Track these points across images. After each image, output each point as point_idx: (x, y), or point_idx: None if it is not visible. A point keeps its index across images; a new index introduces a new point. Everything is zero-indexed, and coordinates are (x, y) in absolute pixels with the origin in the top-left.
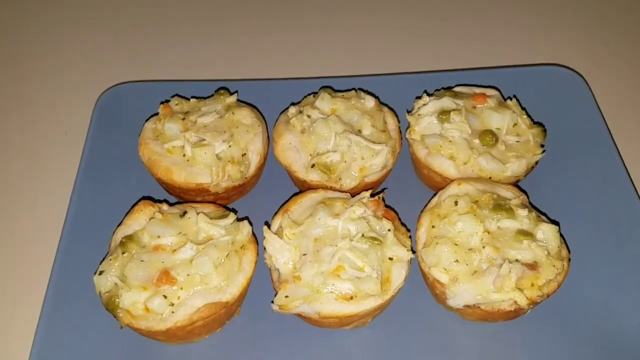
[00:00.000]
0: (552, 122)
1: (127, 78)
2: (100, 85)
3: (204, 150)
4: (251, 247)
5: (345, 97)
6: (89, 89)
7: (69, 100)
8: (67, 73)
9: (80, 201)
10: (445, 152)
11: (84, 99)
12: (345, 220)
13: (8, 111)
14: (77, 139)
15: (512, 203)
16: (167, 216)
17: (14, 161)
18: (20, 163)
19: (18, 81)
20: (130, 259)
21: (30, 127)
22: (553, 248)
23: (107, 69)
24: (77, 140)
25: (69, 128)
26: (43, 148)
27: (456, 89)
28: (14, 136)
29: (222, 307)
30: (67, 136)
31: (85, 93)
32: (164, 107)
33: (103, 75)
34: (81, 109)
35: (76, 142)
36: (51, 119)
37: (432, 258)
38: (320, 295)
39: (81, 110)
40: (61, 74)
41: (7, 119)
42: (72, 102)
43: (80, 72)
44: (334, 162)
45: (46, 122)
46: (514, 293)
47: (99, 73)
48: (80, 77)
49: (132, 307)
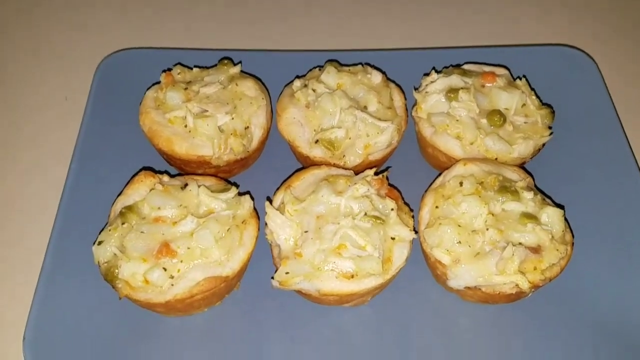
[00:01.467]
0: (560, 103)
1: (130, 44)
2: (102, 51)
3: (206, 121)
4: (252, 222)
5: (352, 71)
6: (90, 54)
7: (70, 66)
8: (69, 37)
9: (80, 169)
10: (452, 131)
11: (86, 64)
12: (348, 198)
13: (7, 75)
14: (77, 105)
15: (517, 185)
16: (168, 188)
17: (13, 126)
18: (19, 128)
19: (18, 45)
20: (130, 230)
21: (30, 91)
22: (557, 232)
23: (110, 35)
24: (77, 106)
25: (69, 94)
26: (43, 113)
27: (465, 66)
28: (13, 100)
29: (222, 281)
30: (67, 102)
31: (87, 58)
32: (165, 75)
33: (105, 40)
34: (82, 74)
35: (76, 108)
36: (51, 83)
37: (434, 239)
38: (321, 272)
39: (82, 76)
40: (63, 38)
41: (5, 83)
42: (73, 67)
43: (82, 37)
44: (339, 139)
45: (46, 87)
46: (516, 276)
47: (101, 39)
48: (82, 42)
49: (131, 278)
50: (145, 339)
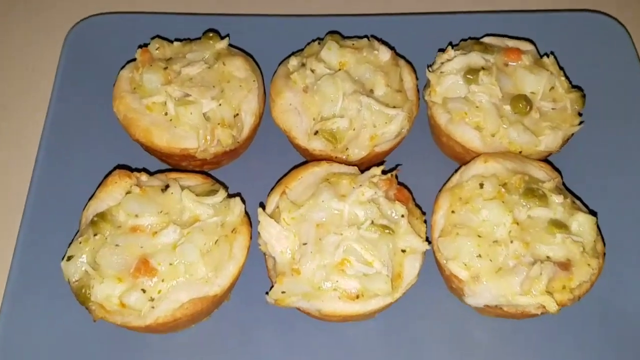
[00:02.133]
0: (589, 82)
1: (102, 9)
2: (73, 16)
3: (189, 109)
4: (244, 229)
5: (356, 47)
6: (60, 19)
7: (37, 32)
8: None
9: (48, 164)
10: (471, 120)
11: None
12: (353, 204)
13: None
14: (44, 78)
15: (545, 187)
16: (147, 190)
17: None
18: None
19: None
20: (103, 243)
21: None
22: (588, 242)
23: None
24: (44, 79)
25: (36, 64)
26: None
27: (485, 39)
28: None
29: (209, 301)
30: (34, 74)
31: (57, 25)
32: (142, 52)
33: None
34: (51, 42)
35: (43, 81)
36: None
37: (450, 250)
38: (321, 292)
39: (50, 44)
40: None
41: None
42: (41, 34)
43: None
44: (341, 129)
45: (10, 56)
46: (543, 297)
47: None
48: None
49: (106, 301)
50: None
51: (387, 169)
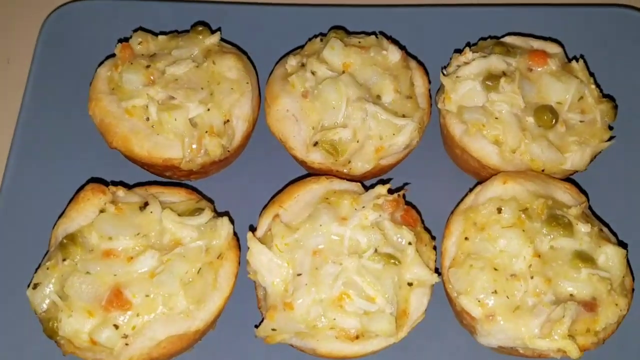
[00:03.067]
0: (619, 86)
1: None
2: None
3: (174, 114)
4: (231, 255)
5: (363, 46)
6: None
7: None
8: None
9: (17, 174)
10: (489, 133)
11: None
12: (354, 229)
13: None
14: (20, 70)
15: (570, 214)
16: (122, 209)
17: None
18: None
19: None
20: (73, 269)
21: None
22: (617, 278)
23: None
24: (19, 72)
25: (9, 57)
26: None
27: (507, 39)
28: None
29: (189, 338)
30: (9, 66)
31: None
32: (122, 48)
33: None
34: (23, 34)
35: (19, 74)
36: None
37: (462, 283)
38: (316, 331)
39: (23, 36)
40: None
41: None
42: (13, 24)
43: None
44: (343, 141)
45: None
46: (564, 342)
47: None
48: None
49: (75, 337)
50: None
51: (393, 183)
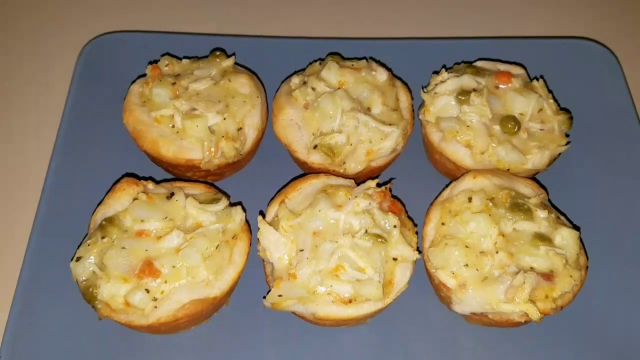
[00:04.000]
0: (578, 105)
1: (115, 27)
2: (87, 34)
3: (196, 122)
4: (244, 236)
5: (355, 67)
6: (74, 37)
7: (52, 49)
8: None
9: (59, 171)
10: (462, 138)
11: (69, 48)
12: (348, 214)
13: None
14: (59, 93)
15: (530, 202)
16: (153, 197)
17: None
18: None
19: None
20: (111, 245)
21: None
22: (572, 255)
23: (94, 17)
24: (58, 94)
25: (50, 81)
26: (21, 103)
27: (478, 63)
28: None
29: (209, 303)
30: (48, 90)
31: (71, 42)
32: (152, 68)
33: (90, 22)
34: (65, 59)
35: (58, 96)
36: (31, 68)
37: (439, 259)
38: (316, 296)
39: (65, 61)
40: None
41: None
42: (56, 51)
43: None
44: (339, 144)
45: (26, 72)
46: (526, 305)
47: (86, 20)
48: (65, 23)
49: (111, 300)
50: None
51: (381, 182)
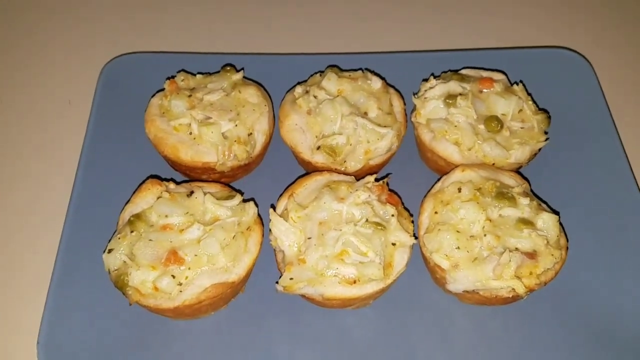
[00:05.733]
0: (556, 107)
1: (133, 48)
2: (106, 55)
3: (211, 129)
4: (257, 228)
5: (352, 77)
6: (94, 58)
7: (73, 69)
8: (72, 40)
9: (87, 177)
10: (450, 137)
11: (90, 68)
12: (350, 205)
13: (10, 79)
14: (81, 109)
15: (514, 191)
16: (175, 195)
17: (18, 131)
18: (23, 134)
19: (21, 47)
20: (139, 238)
21: (33, 95)
22: (552, 237)
23: (114, 38)
24: (81, 110)
25: (73, 98)
26: (46, 119)
27: (463, 71)
28: (17, 105)
29: (228, 287)
30: (71, 106)
31: (91, 62)
32: (169, 83)
33: (109, 44)
34: (86, 78)
35: (80, 112)
36: (55, 87)
37: (433, 244)
38: (324, 278)
39: (86, 79)
40: (66, 40)
41: (9, 87)
42: (78, 71)
43: (85, 40)
44: (340, 145)
45: (50, 90)
46: (512, 281)
47: (106, 42)
48: (86, 45)
49: (141, 285)
50: (154, 342)
51: (379, 178)
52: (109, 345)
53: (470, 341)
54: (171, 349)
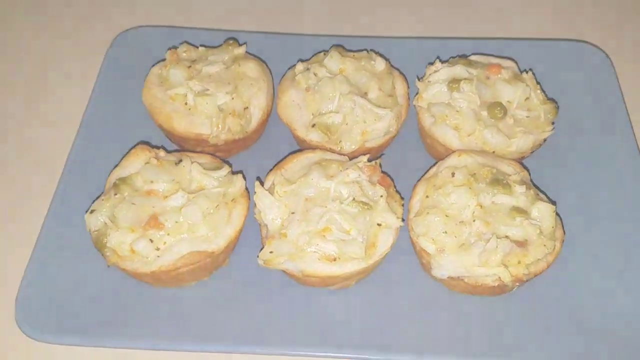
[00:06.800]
0: (569, 100)
1: (143, 22)
2: (115, 29)
3: (206, 100)
4: (242, 201)
5: (356, 57)
6: (105, 31)
7: (85, 42)
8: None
9: (84, 141)
10: (451, 122)
11: (99, 41)
12: (338, 183)
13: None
14: (88, 80)
15: (511, 179)
16: (163, 162)
17: (21, 96)
18: (29, 99)
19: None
20: (122, 201)
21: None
22: (547, 228)
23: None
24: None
25: (82, 68)
26: (52, 87)
27: (472, 57)
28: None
29: (207, 256)
30: (79, 78)
31: (102, 36)
32: (171, 52)
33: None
34: (95, 50)
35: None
36: (67, 59)
37: (421, 227)
38: (303, 253)
39: (95, 52)
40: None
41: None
42: (87, 43)
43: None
44: (335, 124)
45: (61, 62)
46: (498, 269)
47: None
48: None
49: (119, 247)
50: (132, 307)
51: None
52: (87, 305)
53: (454, 329)
54: (148, 314)
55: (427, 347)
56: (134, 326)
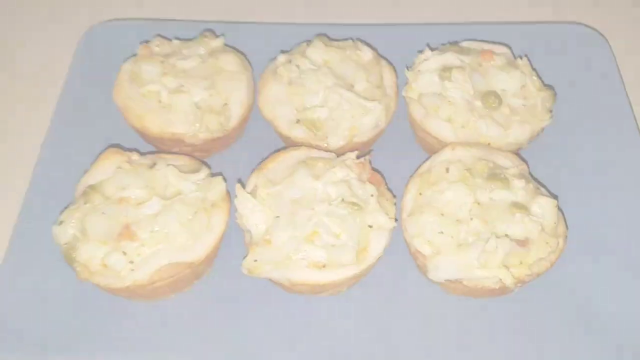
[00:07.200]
0: (567, 86)
1: (114, 15)
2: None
3: (182, 97)
4: (223, 205)
5: (341, 47)
6: (74, 24)
7: (52, 36)
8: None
9: (52, 143)
10: (443, 113)
11: (69, 35)
12: (326, 183)
13: None
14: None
15: (509, 173)
16: (136, 167)
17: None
18: None
19: None
20: (92, 210)
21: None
22: (549, 224)
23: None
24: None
25: (50, 65)
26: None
27: (463, 43)
28: None
29: (186, 267)
30: (47, 74)
31: (70, 29)
32: (143, 47)
33: (89, 11)
34: (65, 45)
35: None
36: (32, 54)
37: (415, 228)
38: (290, 261)
39: (65, 46)
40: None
41: None
42: (56, 37)
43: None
44: (321, 118)
45: (27, 57)
46: (499, 270)
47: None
48: (67, 12)
49: (89, 262)
50: (106, 323)
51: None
52: (58, 322)
53: (453, 335)
54: (122, 331)
55: (425, 356)
56: (108, 341)
